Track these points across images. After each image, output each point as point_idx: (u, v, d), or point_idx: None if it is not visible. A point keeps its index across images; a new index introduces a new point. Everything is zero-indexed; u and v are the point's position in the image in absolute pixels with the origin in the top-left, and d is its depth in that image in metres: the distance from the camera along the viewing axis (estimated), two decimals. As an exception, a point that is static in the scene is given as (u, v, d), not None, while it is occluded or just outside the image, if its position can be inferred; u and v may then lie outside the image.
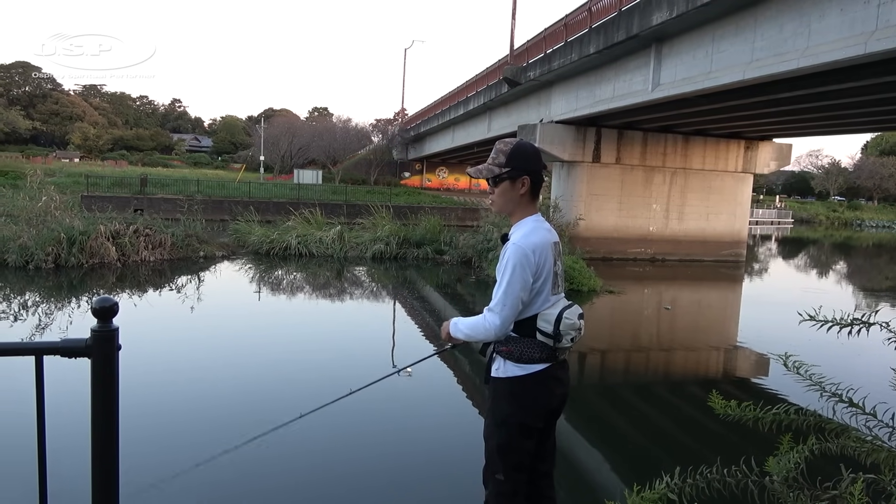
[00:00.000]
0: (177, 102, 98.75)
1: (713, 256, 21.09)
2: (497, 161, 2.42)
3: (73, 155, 61.59)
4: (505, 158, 2.41)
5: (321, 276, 14.55)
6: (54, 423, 1.68)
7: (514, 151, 2.41)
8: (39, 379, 1.54)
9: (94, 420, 1.60)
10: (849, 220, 60.09)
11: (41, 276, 12.02)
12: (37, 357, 1.54)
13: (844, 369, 6.68)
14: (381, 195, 34.83)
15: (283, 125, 57.06)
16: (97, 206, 16.72)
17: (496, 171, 2.42)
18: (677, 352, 9.51)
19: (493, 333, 2.36)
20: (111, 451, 1.61)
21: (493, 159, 2.44)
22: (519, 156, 2.41)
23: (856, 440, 1.73)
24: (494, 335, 2.36)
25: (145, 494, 3.82)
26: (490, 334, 2.37)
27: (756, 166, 21.44)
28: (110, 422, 1.60)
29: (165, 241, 14.68)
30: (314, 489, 4.22)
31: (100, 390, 1.58)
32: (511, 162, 2.40)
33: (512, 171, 2.40)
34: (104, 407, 1.59)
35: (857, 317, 1.82)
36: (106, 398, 1.58)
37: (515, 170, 2.40)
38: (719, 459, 1.75)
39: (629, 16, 13.73)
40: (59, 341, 1.58)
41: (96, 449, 1.60)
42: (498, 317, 2.31)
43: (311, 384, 6.45)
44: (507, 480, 2.39)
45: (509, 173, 2.41)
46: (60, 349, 1.56)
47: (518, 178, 2.41)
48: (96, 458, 1.61)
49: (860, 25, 9.02)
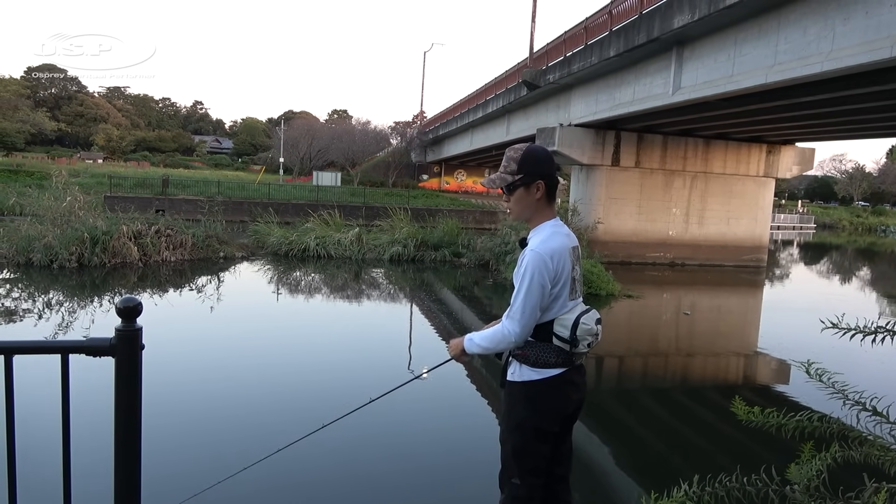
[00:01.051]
0: (198, 104, 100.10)
1: (734, 261, 20.86)
2: (509, 169, 2.40)
3: (96, 156, 62.62)
4: (517, 165, 2.38)
5: (339, 277, 14.62)
6: (77, 421, 1.71)
7: (525, 157, 2.38)
8: (65, 377, 1.57)
9: (118, 418, 1.62)
10: (873, 225, 59.05)
11: (65, 275, 12.21)
12: (63, 356, 1.57)
13: (868, 378, 6.57)
14: (399, 197, 34.91)
15: (302, 127, 57.51)
16: (120, 206, 16.96)
17: (509, 179, 2.39)
18: (696, 357, 9.42)
19: (513, 341, 2.33)
20: (134, 449, 1.64)
21: (505, 167, 2.41)
22: (530, 161, 2.39)
23: (880, 449, 1.70)
24: (514, 343, 2.33)
25: (168, 493, 3.86)
26: (510, 342, 2.34)
27: (778, 171, 21.17)
28: (133, 420, 1.63)
29: (186, 242, 14.85)
30: (334, 490, 4.24)
31: (123, 389, 1.61)
32: (523, 168, 2.38)
33: (525, 176, 2.37)
34: (127, 405, 1.62)
35: (882, 325, 1.80)
36: (129, 397, 1.61)
37: (528, 175, 2.37)
38: (739, 467, 1.74)
39: (650, 19, 13.64)
40: (84, 340, 1.61)
41: (119, 447, 1.63)
42: (518, 324, 2.29)
43: (328, 386, 6.49)
44: (522, 484, 2.38)
45: (522, 179, 2.38)
46: (86, 348, 1.58)
47: (532, 184, 2.38)
48: (119, 456, 1.63)
49: (886, 29, 8.88)
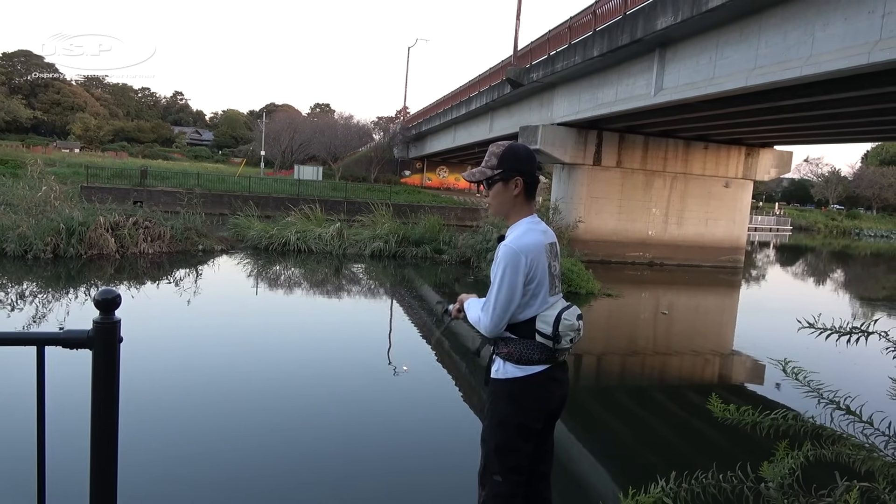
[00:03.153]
0: (179, 95, 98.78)
1: (711, 262, 21.12)
2: (490, 164, 2.43)
3: (73, 145, 61.57)
4: (497, 160, 2.41)
5: (319, 272, 14.55)
6: (52, 416, 1.68)
7: (506, 153, 2.42)
8: (41, 369, 1.55)
9: (95, 412, 1.60)
10: (847, 228, 60.14)
11: (39, 266, 12.01)
12: (38, 348, 1.54)
13: (842, 377, 6.69)
14: (381, 193, 34.81)
15: (284, 120, 57.01)
16: (97, 197, 16.67)
17: (489, 174, 2.43)
18: (674, 356, 9.52)
19: (483, 331, 2.41)
20: (111, 443, 1.62)
21: (486, 162, 2.45)
22: (511, 157, 2.41)
23: (852, 447, 1.74)
24: (485, 333, 2.41)
25: (144, 487, 3.82)
26: (481, 330, 2.42)
27: (756, 173, 21.47)
28: (110, 414, 1.60)
29: (165, 234, 14.66)
30: (311, 487, 4.22)
31: (101, 382, 1.58)
32: (503, 164, 2.40)
33: (504, 172, 2.40)
34: (105, 398, 1.59)
35: (856, 325, 1.83)
36: (106, 390, 1.59)
37: (508, 171, 2.40)
38: (715, 465, 1.76)
39: (634, 20, 13.73)
40: (60, 332, 1.58)
41: (96, 441, 1.61)
42: (489, 318, 2.34)
43: (307, 381, 6.46)
44: (504, 482, 2.38)
45: (501, 175, 2.40)
46: (62, 340, 1.56)
47: (511, 180, 2.40)
48: (95, 449, 1.61)
49: (864, 35, 9.03)
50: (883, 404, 1.82)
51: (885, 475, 1.68)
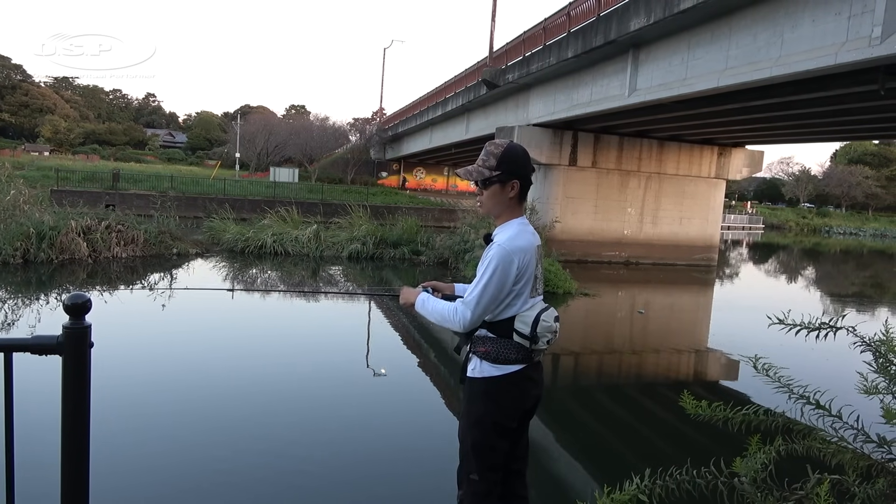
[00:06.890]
0: (151, 97, 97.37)
1: (686, 260, 21.38)
2: (488, 164, 2.38)
3: (42, 148, 60.32)
4: (496, 161, 2.37)
5: (296, 274, 14.44)
6: (22, 424, 1.65)
7: (505, 155, 2.38)
8: (9, 376, 1.52)
9: (65, 419, 1.57)
10: (817, 226, 61.27)
11: (8, 272, 11.75)
12: (6, 354, 1.51)
13: (813, 373, 6.80)
14: (358, 195, 34.70)
15: (259, 122, 56.52)
16: (68, 200, 16.39)
17: (486, 174, 2.39)
18: (650, 355, 9.62)
19: (459, 327, 2.35)
20: (82, 451, 1.59)
21: (484, 161, 2.40)
22: (510, 159, 2.38)
23: (822, 441, 1.77)
24: (461, 329, 2.35)
25: (116, 493, 3.76)
26: (456, 326, 2.35)
27: (729, 172, 21.79)
28: (82, 421, 1.58)
29: (138, 238, 14.44)
30: (288, 492, 4.19)
31: (71, 388, 1.56)
32: (502, 165, 2.37)
33: (503, 174, 2.37)
34: (76, 406, 1.57)
35: (825, 321, 1.87)
36: (77, 396, 1.56)
37: (506, 173, 2.37)
38: (689, 461, 1.78)
39: (607, 21, 13.86)
40: (29, 338, 1.55)
41: (66, 449, 1.58)
42: (470, 312, 2.31)
43: (283, 384, 6.41)
44: (481, 480, 2.39)
45: (500, 177, 2.37)
46: (31, 346, 1.53)
47: (508, 182, 2.38)
48: (66, 458, 1.58)
49: (831, 37, 9.22)
50: (851, 398, 1.86)
51: (854, 468, 1.71)
